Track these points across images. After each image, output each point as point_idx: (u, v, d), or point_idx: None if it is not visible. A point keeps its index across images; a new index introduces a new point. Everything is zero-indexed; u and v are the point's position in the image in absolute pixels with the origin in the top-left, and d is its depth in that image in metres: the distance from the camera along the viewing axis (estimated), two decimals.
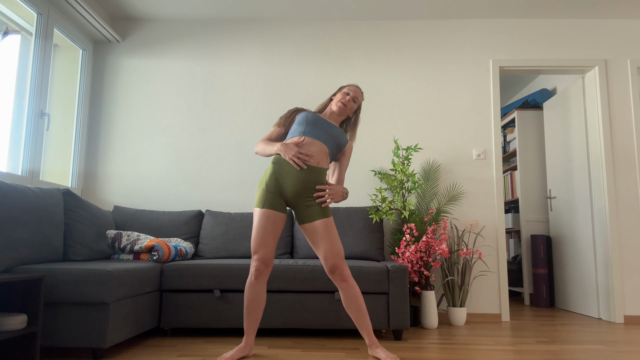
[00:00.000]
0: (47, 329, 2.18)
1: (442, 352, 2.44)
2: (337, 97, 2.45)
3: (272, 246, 2.21)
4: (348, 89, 2.47)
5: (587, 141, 3.88)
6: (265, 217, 2.20)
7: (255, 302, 2.23)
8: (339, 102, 2.42)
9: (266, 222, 2.19)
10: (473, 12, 3.76)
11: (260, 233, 2.19)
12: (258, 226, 2.20)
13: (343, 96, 2.44)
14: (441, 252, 3.15)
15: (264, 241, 2.18)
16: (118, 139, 3.77)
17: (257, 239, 2.19)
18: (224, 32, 3.90)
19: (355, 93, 2.47)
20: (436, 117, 3.76)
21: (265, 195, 2.24)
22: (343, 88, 2.51)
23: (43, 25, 3.15)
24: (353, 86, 2.50)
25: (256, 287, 2.22)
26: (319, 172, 2.26)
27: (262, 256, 2.19)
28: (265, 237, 2.19)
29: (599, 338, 2.88)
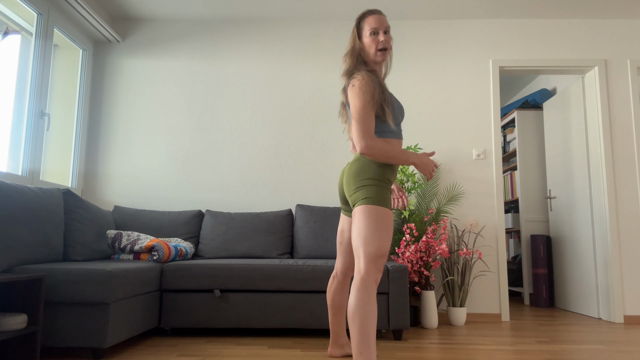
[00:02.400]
0: (47, 329, 2.18)
1: (442, 352, 2.44)
2: (368, 42, 1.99)
3: None
4: (372, 24, 1.99)
5: (587, 141, 3.88)
6: (392, 219, 1.93)
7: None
8: (378, 51, 1.98)
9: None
10: (473, 12, 3.75)
11: (390, 236, 1.90)
12: (390, 229, 1.88)
13: (375, 40, 1.97)
14: (441, 252, 3.15)
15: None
16: (118, 138, 3.77)
17: (389, 242, 1.89)
18: (224, 32, 3.90)
19: (383, 23, 1.99)
20: (436, 117, 3.76)
21: (389, 194, 1.94)
22: (363, 24, 2.02)
23: (43, 25, 3.15)
24: (373, 16, 2.00)
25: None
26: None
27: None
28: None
29: (598, 338, 2.88)
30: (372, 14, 2.01)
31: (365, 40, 2.00)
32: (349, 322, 1.79)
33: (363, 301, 1.77)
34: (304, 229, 3.35)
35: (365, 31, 2.00)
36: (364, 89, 1.88)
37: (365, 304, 1.76)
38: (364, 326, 1.74)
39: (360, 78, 1.91)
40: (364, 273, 1.81)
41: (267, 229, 3.34)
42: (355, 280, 1.82)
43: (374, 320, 1.77)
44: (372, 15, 2.00)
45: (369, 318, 1.75)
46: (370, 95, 1.88)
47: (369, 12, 2.02)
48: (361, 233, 1.84)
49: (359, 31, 2.03)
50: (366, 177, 1.90)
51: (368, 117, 1.87)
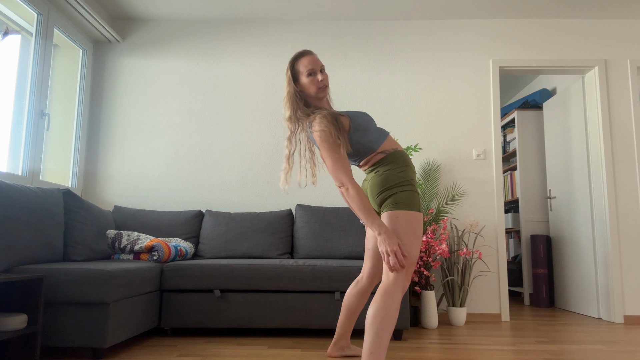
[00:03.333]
0: (47, 329, 2.18)
1: (442, 352, 2.44)
2: (306, 83, 2.00)
3: None
4: (308, 65, 1.99)
5: (587, 141, 3.88)
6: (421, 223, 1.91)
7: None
8: (317, 88, 2.00)
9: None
10: (473, 12, 3.75)
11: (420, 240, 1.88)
12: (419, 233, 1.87)
13: (314, 81, 1.99)
14: (441, 252, 3.15)
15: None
16: (118, 139, 3.77)
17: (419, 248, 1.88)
18: (224, 32, 3.90)
19: (317, 63, 2.01)
20: (436, 117, 3.76)
21: (418, 196, 1.93)
22: (297, 67, 2.01)
23: (43, 25, 3.15)
24: (307, 57, 2.01)
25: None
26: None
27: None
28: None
29: (598, 338, 2.88)
30: (305, 55, 2.02)
31: (303, 81, 2.01)
32: (367, 323, 1.78)
33: (386, 305, 1.76)
34: (304, 229, 3.35)
35: (302, 74, 2.00)
36: (325, 132, 1.89)
37: (387, 308, 1.76)
38: (381, 329, 1.74)
39: (317, 121, 1.91)
40: (392, 279, 1.80)
41: (267, 229, 3.34)
42: (382, 285, 1.82)
43: (392, 326, 1.77)
44: (306, 57, 2.01)
45: (388, 323, 1.75)
46: (333, 134, 1.88)
47: (301, 55, 2.03)
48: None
49: (294, 74, 2.03)
50: (393, 184, 1.89)
51: (341, 161, 1.88)
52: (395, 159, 1.96)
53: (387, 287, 1.79)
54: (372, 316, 1.76)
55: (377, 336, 1.74)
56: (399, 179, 1.90)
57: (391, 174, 1.91)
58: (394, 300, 1.78)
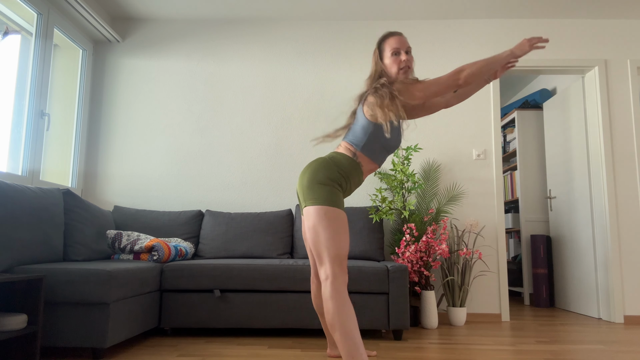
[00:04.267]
0: (47, 329, 2.18)
1: (442, 352, 2.44)
2: (389, 62, 2.01)
3: None
4: (394, 45, 2.00)
5: (587, 141, 3.88)
6: (346, 220, 1.93)
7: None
8: (401, 69, 2.00)
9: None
10: (473, 12, 3.75)
11: (347, 236, 1.90)
12: (346, 229, 1.88)
13: (397, 60, 1.99)
14: (441, 252, 3.15)
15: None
16: (118, 139, 3.77)
17: (348, 242, 1.89)
18: (224, 32, 3.90)
19: (404, 44, 2.01)
20: (436, 117, 3.76)
21: (340, 194, 1.93)
22: (384, 46, 2.03)
23: (43, 25, 3.15)
24: (395, 37, 2.01)
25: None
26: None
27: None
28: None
29: (599, 338, 2.88)
30: (393, 35, 2.03)
31: (386, 61, 2.01)
32: (330, 330, 1.77)
33: (338, 306, 1.75)
34: None
35: (387, 52, 2.01)
36: (414, 81, 1.93)
37: (340, 308, 1.75)
38: (347, 330, 1.73)
39: (398, 83, 1.94)
40: (331, 278, 1.80)
41: (267, 229, 3.34)
42: (325, 287, 1.80)
43: (354, 321, 1.76)
44: (394, 37, 2.02)
45: (349, 321, 1.75)
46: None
47: (390, 34, 2.04)
48: (320, 237, 1.83)
49: (381, 53, 2.04)
50: (321, 176, 1.90)
51: (434, 80, 1.88)
52: (347, 163, 1.95)
53: (331, 287, 1.79)
54: (332, 322, 1.76)
55: (346, 338, 1.73)
56: (334, 175, 1.90)
57: (327, 166, 1.91)
58: (342, 297, 1.77)
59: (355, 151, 1.98)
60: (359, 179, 2.01)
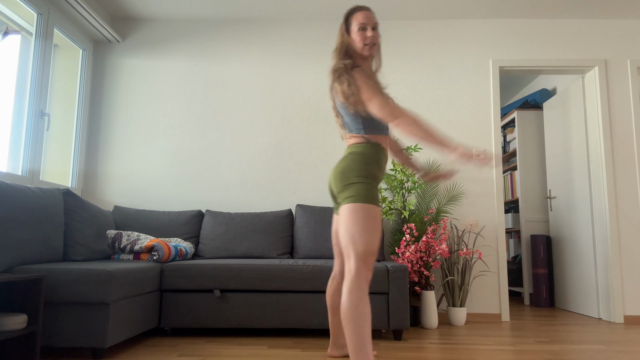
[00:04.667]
0: (47, 329, 2.18)
1: (442, 352, 2.44)
2: (355, 37, 1.99)
3: None
4: (360, 19, 1.98)
5: (587, 141, 3.88)
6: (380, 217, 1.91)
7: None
8: (366, 45, 1.98)
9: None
10: (473, 12, 3.75)
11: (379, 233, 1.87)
12: (378, 226, 1.87)
13: (362, 36, 1.97)
14: (441, 252, 3.15)
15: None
16: (118, 139, 3.77)
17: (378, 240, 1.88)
18: (224, 32, 3.90)
19: (371, 19, 1.99)
20: (436, 117, 3.76)
21: (375, 189, 1.92)
22: (351, 20, 2.01)
23: (43, 25, 3.15)
24: (362, 12, 2.00)
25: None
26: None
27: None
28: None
29: (599, 338, 2.88)
30: (361, 10, 2.01)
31: (353, 35, 2.00)
32: (343, 324, 1.78)
33: (356, 302, 1.76)
34: (304, 229, 3.35)
35: (354, 26, 2.00)
36: (363, 78, 1.89)
37: (358, 304, 1.76)
38: (359, 327, 1.74)
39: (357, 71, 1.91)
40: (354, 273, 1.80)
41: (267, 229, 3.35)
42: (347, 281, 1.81)
43: (368, 320, 1.76)
44: (361, 12, 2.01)
45: (363, 319, 1.75)
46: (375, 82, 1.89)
47: (358, 9, 2.02)
48: (349, 232, 1.83)
49: (347, 27, 2.03)
50: (353, 175, 1.89)
51: (385, 97, 1.84)
52: (371, 151, 1.94)
53: (352, 283, 1.79)
54: (346, 316, 1.76)
55: (356, 335, 1.73)
56: (364, 170, 1.90)
57: (355, 163, 1.91)
58: (361, 294, 1.78)
59: (364, 136, 1.97)
60: (385, 156, 2.01)
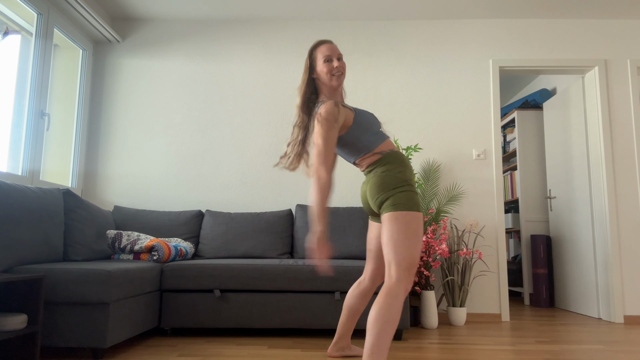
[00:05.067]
0: (47, 329, 2.18)
1: (442, 352, 2.44)
2: (322, 69, 2.03)
3: None
4: (325, 52, 2.03)
5: (587, 141, 3.88)
6: (422, 223, 1.89)
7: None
8: (334, 75, 2.02)
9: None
10: (473, 12, 3.75)
11: (421, 241, 1.87)
12: (420, 233, 1.86)
13: (329, 67, 2.01)
14: (441, 252, 3.15)
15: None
16: (118, 139, 3.77)
17: (420, 248, 1.86)
18: (224, 32, 3.90)
19: (335, 51, 2.04)
20: (436, 117, 3.76)
21: (417, 197, 1.93)
22: (316, 54, 2.05)
23: (43, 25, 3.15)
24: (326, 45, 2.05)
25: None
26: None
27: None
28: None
29: (599, 338, 2.88)
30: (324, 43, 2.06)
31: (319, 68, 2.03)
32: (368, 323, 1.78)
33: (388, 306, 1.76)
34: (304, 229, 3.35)
35: (319, 60, 2.03)
36: (329, 120, 1.90)
37: (390, 308, 1.76)
38: (383, 330, 1.74)
39: (325, 106, 1.93)
40: (394, 280, 1.80)
41: (267, 229, 3.34)
42: (385, 286, 1.82)
43: (394, 327, 1.76)
44: (325, 45, 2.06)
45: (390, 324, 1.75)
46: (334, 125, 1.91)
47: (321, 43, 2.08)
48: (392, 240, 1.83)
49: (312, 62, 2.07)
50: (393, 187, 1.89)
51: (330, 148, 1.90)
52: (391, 159, 1.96)
53: (390, 289, 1.79)
54: (375, 317, 1.76)
55: (379, 337, 1.74)
56: (397, 179, 1.90)
57: (389, 175, 1.91)
58: (396, 301, 1.78)
59: (375, 152, 1.99)
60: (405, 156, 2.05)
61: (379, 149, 2.00)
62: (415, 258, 1.83)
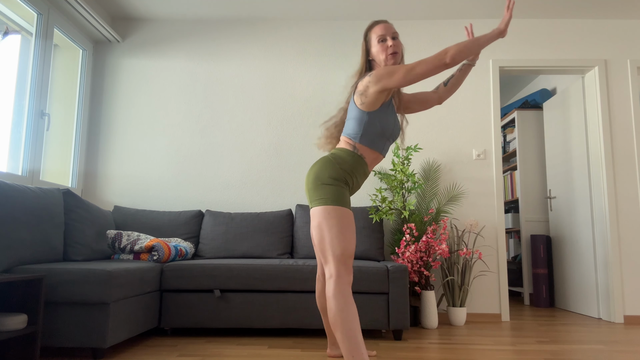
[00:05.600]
0: (47, 329, 2.18)
1: (442, 352, 2.44)
2: (376, 50, 1.98)
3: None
4: (379, 32, 1.98)
5: (587, 141, 3.88)
6: (352, 219, 1.92)
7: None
8: (389, 55, 1.97)
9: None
10: (473, 12, 3.75)
11: (354, 235, 1.89)
12: (352, 227, 1.87)
13: (383, 47, 1.97)
14: (441, 252, 3.15)
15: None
16: (118, 139, 3.77)
17: (354, 242, 1.89)
18: (224, 32, 3.90)
19: (389, 30, 1.99)
20: (436, 117, 3.76)
21: (345, 192, 1.93)
22: (370, 35, 2.02)
23: (43, 25, 3.15)
24: (379, 25, 2.00)
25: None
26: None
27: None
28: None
29: (599, 338, 2.88)
30: (378, 23, 2.02)
31: (373, 49, 2.00)
32: (332, 329, 1.77)
33: (341, 305, 1.76)
34: (304, 229, 3.35)
35: (373, 40, 2.00)
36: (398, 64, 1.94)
37: (343, 307, 1.76)
38: (348, 330, 1.74)
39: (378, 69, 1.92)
40: (335, 277, 1.80)
41: (267, 229, 3.35)
42: (329, 286, 1.80)
43: (356, 321, 1.76)
44: (379, 25, 2.01)
45: (351, 321, 1.75)
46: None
47: (375, 23, 2.03)
48: (325, 236, 1.83)
49: (368, 43, 2.04)
50: (326, 176, 1.90)
51: (418, 62, 1.84)
52: (350, 158, 1.94)
53: (335, 286, 1.79)
54: (334, 321, 1.76)
55: (348, 338, 1.73)
56: (333, 173, 1.90)
57: (330, 165, 1.91)
58: (345, 296, 1.78)
59: (354, 144, 1.97)
60: (364, 170, 2.00)
61: (362, 147, 1.97)
62: (350, 252, 1.83)
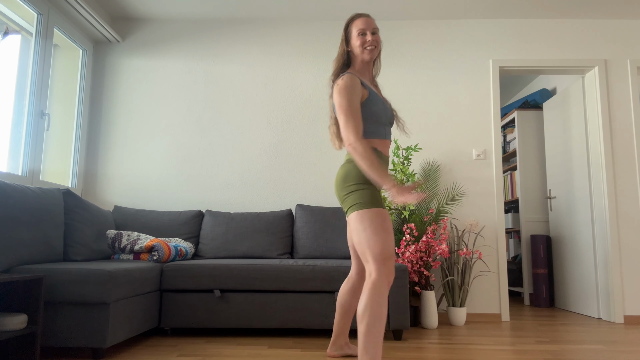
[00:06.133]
0: (47, 329, 2.18)
1: (442, 352, 2.44)
2: (355, 43, 2.02)
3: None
4: (360, 25, 2.01)
5: (587, 141, 3.88)
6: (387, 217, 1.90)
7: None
8: (366, 48, 2.00)
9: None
10: (473, 12, 3.75)
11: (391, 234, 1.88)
12: (387, 227, 1.86)
13: (362, 40, 2.00)
14: (441, 252, 3.15)
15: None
16: (118, 139, 3.77)
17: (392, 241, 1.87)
18: (224, 32, 3.90)
19: (370, 25, 2.02)
20: (436, 117, 3.76)
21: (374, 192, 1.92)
22: (351, 27, 2.05)
23: (43, 25, 3.15)
24: (361, 19, 2.03)
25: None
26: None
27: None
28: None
29: (599, 338, 2.88)
30: (360, 16, 2.05)
31: (352, 41, 2.04)
32: (357, 321, 1.80)
33: (373, 302, 1.78)
34: (304, 229, 3.35)
35: (354, 33, 2.04)
36: (348, 88, 1.90)
37: (375, 304, 1.77)
38: (372, 326, 1.75)
39: (343, 78, 1.94)
40: (375, 276, 1.82)
41: (267, 229, 3.35)
42: (367, 282, 1.83)
43: (382, 322, 1.77)
44: (360, 18, 2.05)
45: (378, 319, 1.76)
46: (354, 93, 1.90)
47: (357, 16, 2.06)
48: (362, 239, 1.85)
49: (347, 35, 2.08)
50: (351, 183, 1.92)
51: (356, 115, 1.88)
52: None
53: (372, 284, 1.81)
54: (361, 313, 1.78)
55: (368, 333, 1.75)
56: (361, 177, 1.91)
57: (354, 170, 1.93)
58: (380, 296, 1.79)
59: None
60: (381, 159, 2.00)
61: (369, 141, 1.98)
62: (390, 251, 1.84)
